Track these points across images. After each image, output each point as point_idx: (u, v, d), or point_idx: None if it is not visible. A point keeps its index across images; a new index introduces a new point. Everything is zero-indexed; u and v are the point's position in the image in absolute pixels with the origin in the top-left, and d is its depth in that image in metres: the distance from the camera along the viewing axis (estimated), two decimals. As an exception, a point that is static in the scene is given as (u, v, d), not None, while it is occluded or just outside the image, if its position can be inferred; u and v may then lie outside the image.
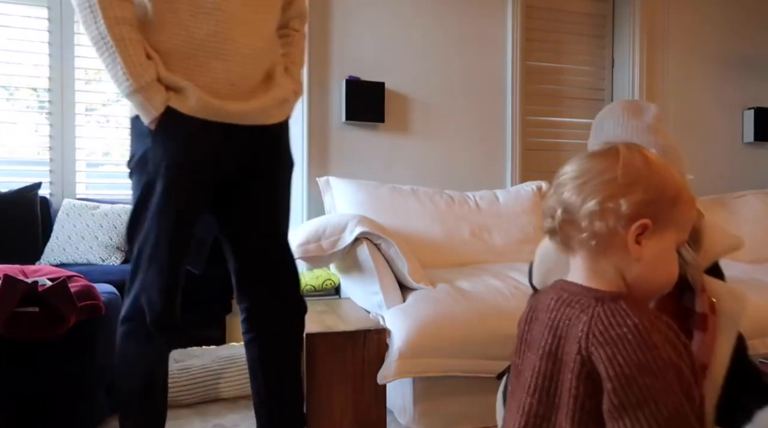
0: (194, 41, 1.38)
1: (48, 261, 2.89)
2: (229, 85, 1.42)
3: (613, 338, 0.78)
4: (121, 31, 1.33)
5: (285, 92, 1.56)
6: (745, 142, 3.84)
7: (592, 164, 0.87)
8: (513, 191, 3.08)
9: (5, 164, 3.27)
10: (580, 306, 0.84)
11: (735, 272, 2.50)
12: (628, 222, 0.82)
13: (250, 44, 1.44)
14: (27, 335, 1.82)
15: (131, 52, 1.34)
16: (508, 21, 3.38)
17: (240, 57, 1.43)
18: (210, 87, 1.40)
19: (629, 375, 0.76)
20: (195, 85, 1.38)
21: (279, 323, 1.59)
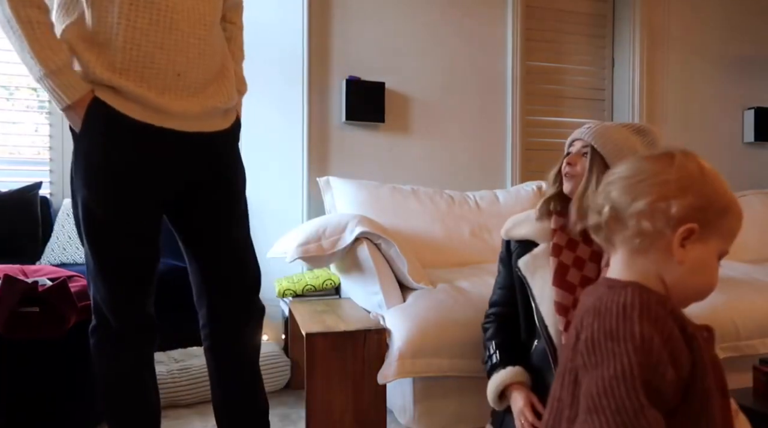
0: (136, 31, 1.32)
1: (48, 261, 2.89)
2: (175, 76, 1.37)
3: (599, 309, 0.81)
4: (28, 13, 1.27)
5: (230, 98, 1.52)
6: (745, 142, 3.84)
7: (646, 165, 0.88)
8: (513, 191, 3.08)
9: (5, 164, 3.27)
10: (597, 295, 0.86)
11: (735, 273, 2.50)
12: (675, 225, 0.83)
13: (193, 33, 1.39)
14: (27, 335, 1.82)
15: (38, 35, 1.27)
16: (509, 21, 3.38)
17: (185, 46, 1.38)
18: (156, 78, 1.35)
19: (596, 339, 0.78)
20: (140, 76, 1.34)
21: (234, 330, 1.56)
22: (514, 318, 1.64)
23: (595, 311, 0.81)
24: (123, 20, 1.31)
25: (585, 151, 1.49)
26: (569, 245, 1.54)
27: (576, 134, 1.53)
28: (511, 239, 1.66)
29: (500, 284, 1.72)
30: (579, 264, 1.54)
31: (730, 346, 2.07)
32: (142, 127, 1.35)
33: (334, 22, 3.10)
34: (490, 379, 1.56)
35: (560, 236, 1.55)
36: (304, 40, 3.01)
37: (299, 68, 3.02)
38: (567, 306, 1.50)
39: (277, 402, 2.23)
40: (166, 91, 1.36)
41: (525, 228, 1.64)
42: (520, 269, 1.58)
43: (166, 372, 2.33)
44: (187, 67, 1.39)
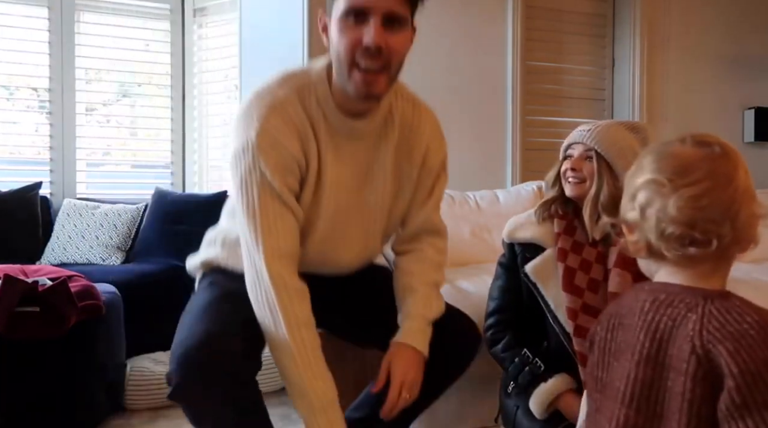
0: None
1: (48, 261, 2.89)
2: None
3: (733, 333, 0.74)
4: (302, 335, 1.23)
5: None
6: (745, 142, 3.84)
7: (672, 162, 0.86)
8: (513, 191, 3.08)
9: (6, 164, 3.27)
10: (685, 306, 0.81)
11: (735, 273, 2.50)
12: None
13: (352, 258, 1.46)
14: (27, 335, 1.82)
15: (311, 362, 1.23)
16: (509, 21, 3.37)
17: (339, 268, 1.46)
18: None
19: (755, 372, 0.71)
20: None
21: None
22: (520, 322, 1.59)
23: (723, 336, 0.75)
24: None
25: (588, 155, 1.49)
26: (574, 248, 1.54)
27: (575, 137, 1.52)
28: (515, 242, 1.62)
29: (503, 288, 1.65)
30: (585, 267, 1.53)
31: (730, 346, 2.07)
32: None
33: (334, 22, 3.10)
34: (537, 388, 1.47)
35: (564, 239, 1.54)
36: (305, 40, 3.01)
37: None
38: (576, 311, 1.49)
39: (277, 402, 2.23)
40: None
41: (529, 231, 1.60)
42: (529, 274, 1.55)
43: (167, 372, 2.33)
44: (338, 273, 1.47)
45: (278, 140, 1.24)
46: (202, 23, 3.51)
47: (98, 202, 3.13)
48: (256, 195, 1.23)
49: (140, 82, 3.59)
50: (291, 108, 1.27)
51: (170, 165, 3.51)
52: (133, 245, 3.02)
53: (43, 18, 3.26)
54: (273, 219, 1.24)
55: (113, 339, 2.18)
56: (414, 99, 1.48)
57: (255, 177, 1.23)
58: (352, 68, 1.21)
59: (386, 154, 1.39)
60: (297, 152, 1.26)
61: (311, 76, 1.32)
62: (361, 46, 1.18)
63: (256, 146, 1.22)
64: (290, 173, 1.26)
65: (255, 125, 1.24)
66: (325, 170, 1.32)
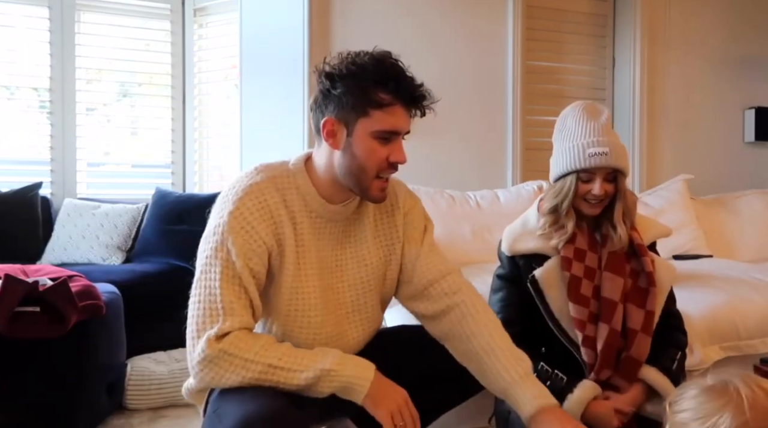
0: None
1: (49, 261, 2.89)
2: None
3: None
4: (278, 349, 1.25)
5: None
6: (745, 141, 3.83)
7: (714, 404, 0.88)
8: (514, 190, 3.08)
9: (6, 164, 3.27)
10: None
11: (735, 272, 2.50)
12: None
13: (359, 335, 1.47)
14: (28, 334, 1.82)
15: (290, 361, 1.23)
16: (509, 20, 3.37)
17: (351, 348, 1.44)
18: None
19: None
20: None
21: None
22: (529, 335, 1.57)
23: None
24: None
25: (610, 177, 1.52)
26: (577, 256, 1.54)
27: (595, 161, 1.49)
28: (516, 255, 1.61)
29: (509, 301, 1.62)
30: (590, 274, 1.54)
31: (731, 346, 2.07)
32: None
33: (334, 22, 3.10)
34: (566, 401, 1.46)
35: (567, 248, 1.54)
36: (305, 39, 3.01)
37: (300, 69, 3.01)
38: (583, 321, 1.50)
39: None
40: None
41: (531, 242, 1.59)
42: (538, 281, 1.54)
43: (167, 372, 2.33)
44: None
45: (249, 222, 1.27)
46: (203, 23, 3.51)
47: (99, 202, 3.13)
48: (218, 272, 1.24)
49: (140, 82, 3.59)
50: (267, 193, 1.31)
51: (170, 165, 3.51)
52: (134, 245, 3.02)
53: (43, 18, 3.26)
54: (234, 298, 1.24)
55: (113, 338, 2.18)
56: None
57: (221, 255, 1.25)
58: (375, 178, 1.32)
59: (366, 226, 1.44)
60: (267, 236, 1.29)
61: (289, 167, 1.38)
62: (389, 161, 1.30)
63: (227, 225, 1.26)
64: (256, 256, 1.27)
65: (229, 207, 1.28)
66: (305, 253, 1.34)
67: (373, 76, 1.27)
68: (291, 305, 1.35)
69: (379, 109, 1.27)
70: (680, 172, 3.31)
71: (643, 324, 1.51)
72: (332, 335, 1.41)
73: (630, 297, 1.53)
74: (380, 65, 1.29)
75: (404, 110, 1.30)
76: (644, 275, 1.54)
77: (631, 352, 1.50)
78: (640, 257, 1.56)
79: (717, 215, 3.25)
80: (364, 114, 1.27)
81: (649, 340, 1.52)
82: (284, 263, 1.32)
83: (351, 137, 1.28)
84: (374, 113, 1.27)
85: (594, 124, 1.53)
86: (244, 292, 1.26)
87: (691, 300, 1.72)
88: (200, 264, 1.28)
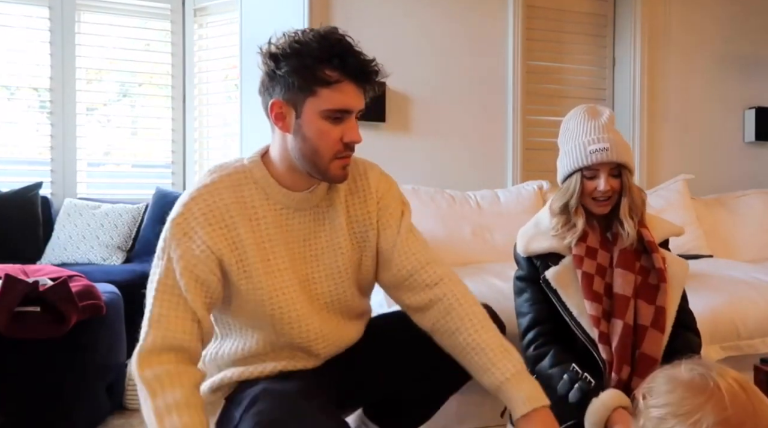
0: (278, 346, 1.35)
1: (49, 261, 2.89)
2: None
3: None
4: (172, 421, 1.12)
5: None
6: (746, 141, 3.83)
7: (695, 401, 0.87)
8: (514, 190, 3.08)
9: (6, 164, 3.27)
10: None
11: (735, 272, 2.50)
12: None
13: (352, 330, 1.44)
14: (28, 334, 1.82)
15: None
16: (509, 20, 3.37)
17: (349, 341, 1.43)
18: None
19: None
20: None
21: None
22: (559, 333, 1.57)
23: None
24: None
25: (614, 172, 1.54)
26: (589, 254, 1.56)
27: (596, 158, 1.53)
28: (532, 256, 1.62)
29: (535, 300, 1.61)
30: (601, 272, 1.56)
31: (731, 345, 2.07)
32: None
33: (334, 22, 3.10)
34: (591, 405, 1.41)
35: (579, 246, 1.56)
36: (305, 39, 3.01)
37: (300, 68, 3.01)
38: (598, 318, 1.51)
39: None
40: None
41: (544, 242, 1.61)
42: (550, 281, 1.55)
43: None
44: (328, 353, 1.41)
45: (192, 227, 1.21)
46: (203, 23, 3.51)
47: (99, 202, 3.13)
48: (156, 280, 1.20)
49: (141, 82, 3.59)
50: (217, 194, 1.25)
51: (171, 165, 3.51)
52: (134, 245, 3.02)
53: (43, 18, 3.26)
54: (166, 309, 1.19)
55: (114, 338, 2.18)
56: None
57: (162, 263, 1.21)
58: (333, 159, 1.26)
59: (338, 212, 1.37)
60: (212, 240, 1.22)
61: (244, 163, 1.32)
62: (344, 142, 1.25)
63: (169, 231, 1.22)
64: (200, 263, 1.20)
65: (173, 214, 1.24)
66: (273, 248, 1.29)
67: (318, 53, 1.20)
68: (273, 305, 1.29)
69: (326, 87, 1.20)
70: (680, 172, 3.31)
71: (653, 320, 1.51)
72: (324, 329, 1.36)
73: (640, 293, 1.54)
74: (324, 41, 1.21)
75: (355, 87, 1.24)
76: (654, 272, 1.55)
77: (643, 349, 1.50)
78: (651, 254, 1.56)
79: (717, 215, 3.25)
80: (311, 93, 1.21)
81: (661, 337, 1.51)
82: (248, 264, 1.26)
83: (300, 119, 1.23)
84: (321, 91, 1.21)
85: (595, 123, 1.57)
86: (182, 303, 1.19)
87: (691, 300, 1.72)
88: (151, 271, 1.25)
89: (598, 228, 1.61)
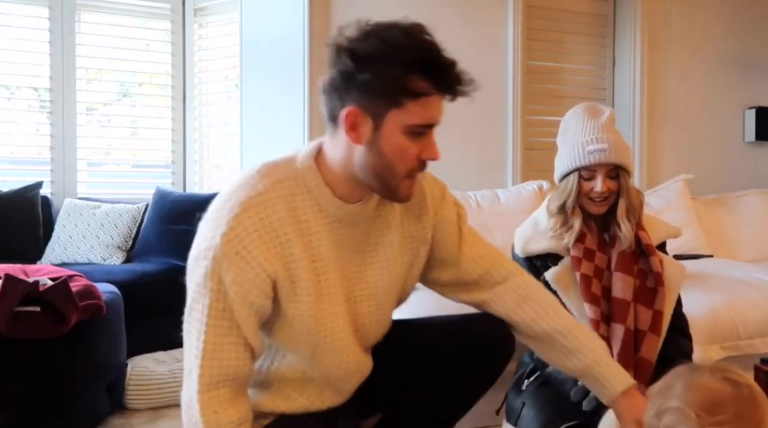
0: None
1: (49, 261, 2.89)
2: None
3: None
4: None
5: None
6: (746, 141, 3.83)
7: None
8: (514, 190, 3.08)
9: (6, 164, 3.28)
10: None
11: (735, 272, 2.50)
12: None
13: (363, 375, 1.30)
14: (28, 334, 1.82)
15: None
16: (509, 20, 3.37)
17: (353, 387, 1.30)
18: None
19: None
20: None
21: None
22: None
23: None
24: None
25: (612, 173, 1.53)
26: (587, 255, 1.55)
27: (594, 158, 1.52)
28: (531, 256, 1.62)
29: None
30: (599, 275, 1.55)
31: (731, 345, 2.07)
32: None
33: (334, 22, 3.10)
34: (606, 415, 1.41)
35: (577, 247, 1.55)
36: (305, 39, 3.01)
37: (300, 68, 3.01)
38: (597, 321, 1.50)
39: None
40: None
41: (543, 242, 1.60)
42: (549, 282, 1.55)
43: (167, 372, 2.33)
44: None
45: (246, 246, 1.07)
46: (203, 23, 3.51)
47: (99, 202, 3.13)
48: (207, 305, 1.08)
49: (141, 82, 3.59)
50: (270, 206, 1.10)
51: (171, 165, 3.51)
52: (134, 245, 3.02)
53: (43, 18, 3.25)
54: (220, 336, 1.09)
55: (114, 338, 2.18)
56: None
57: (211, 285, 1.07)
58: (406, 178, 1.15)
59: (390, 227, 1.26)
60: (268, 261, 1.08)
61: (296, 166, 1.16)
62: (420, 159, 1.14)
63: (219, 249, 1.06)
64: (255, 288, 1.08)
65: (223, 228, 1.08)
66: (324, 268, 1.15)
67: (410, 60, 1.06)
68: (320, 333, 1.16)
69: (414, 99, 1.07)
70: (680, 172, 3.31)
71: (651, 324, 1.51)
72: (358, 356, 1.25)
73: (638, 297, 1.53)
74: (415, 44, 1.08)
75: (441, 99, 1.12)
76: (652, 276, 1.55)
77: (642, 353, 1.50)
78: (648, 257, 1.55)
79: (717, 215, 3.25)
80: (397, 105, 1.06)
81: (658, 340, 1.51)
82: (300, 287, 1.12)
83: (378, 132, 1.08)
84: (408, 103, 1.07)
85: (594, 122, 1.56)
86: (235, 328, 1.08)
87: (691, 300, 1.72)
88: (191, 290, 1.11)
89: (595, 229, 1.60)
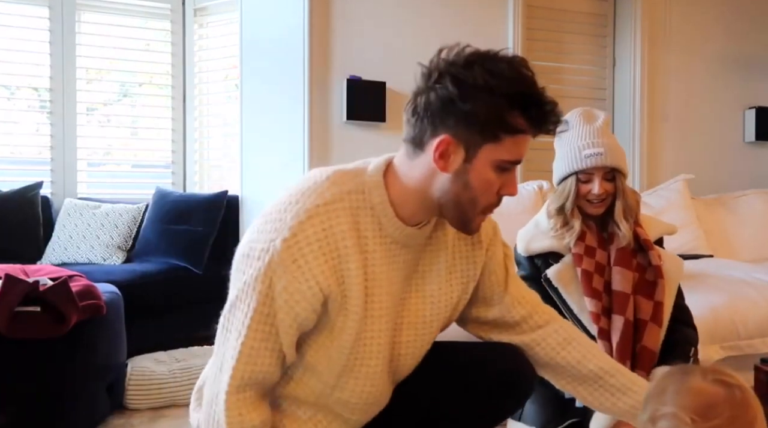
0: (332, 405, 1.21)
1: (49, 261, 2.89)
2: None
3: None
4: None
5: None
6: (746, 141, 3.84)
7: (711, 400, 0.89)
8: (514, 190, 3.08)
9: (6, 164, 3.28)
10: None
11: (735, 272, 2.50)
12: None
13: (378, 407, 1.26)
14: (28, 334, 1.82)
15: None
16: (510, 20, 3.37)
17: (363, 420, 1.25)
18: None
19: None
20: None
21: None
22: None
23: None
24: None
25: (609, 176, 1.58)
26: (587, 252, 1.61)
27: (591, 162, 1.56)
28: (533, 255, 1.67)
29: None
30: (600, 270, 1.61)
31: (731, 345, 2.07)
32: None
33: (334, 22, 3.10)
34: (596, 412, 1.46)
35: (578, 245, 1.61)
36: (305, 39, 3.00)
37: (300, 68, 3.01)
38: (598, 314, 1.55)
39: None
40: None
41: (545, 241, 1.66)
42: (551, 279, 1.60)
43: (167, 372, 2.33)
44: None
45: (305, 255, 1.05)
46: (203, 23, 3.51)
47: (99, 202, 3.13)
48: (252, 307, 1.05)
49: (141, 82, 3.59)
50: (335, 217, 1.08)
51: (171, 165, 3.51)
52: (134, 245, 3.02)
53: (43, 18, 3.26)
54: (259, 341, 1.07)
55: (114, 338, 2.18)
56: None
57: (261, 288, 1.05)
58: (482, 212, 1.13)
59: (441, 256, 1.23)
60: (323, 274, 1.06)
61: (365, 179, 1.13)
62: (499, 194, 1.11)
63: (278, 254, 1.04)
64: (304, 300, 1.05)
65: (285, 233, 1.05)
66: (374, 289, 1.13)
67: (513, 95, 1.02)
68: (351, 353, 1.13)
69: (510, 135, 1.04)
70: (680, 172, 3.31)
71: (653, 314, 1.57)
72: (383, 387, 1.21)
73: (638, 290, 1.60)
74: (521, 80, 1.04)
75: (532, 137, 1.08)
76: (651, 269, 1.61)
77: (644, 342, 1.55)
78: (647, 252, 1.62)
79: (717, 215, 3.25)
80: (494, 139, 1.03)
81: (659, 330, 1.57)
82: (350, 304, 1.09)
83: (470, 164, 1.05)
84: (505, 139, 1.04)
85: (590, 127, 1.61)
86: (274, 335, 1.07)
87: (691, 300, 1.73)
88: (236, 287, 1.09)
89: (594, 228, 1.66)
